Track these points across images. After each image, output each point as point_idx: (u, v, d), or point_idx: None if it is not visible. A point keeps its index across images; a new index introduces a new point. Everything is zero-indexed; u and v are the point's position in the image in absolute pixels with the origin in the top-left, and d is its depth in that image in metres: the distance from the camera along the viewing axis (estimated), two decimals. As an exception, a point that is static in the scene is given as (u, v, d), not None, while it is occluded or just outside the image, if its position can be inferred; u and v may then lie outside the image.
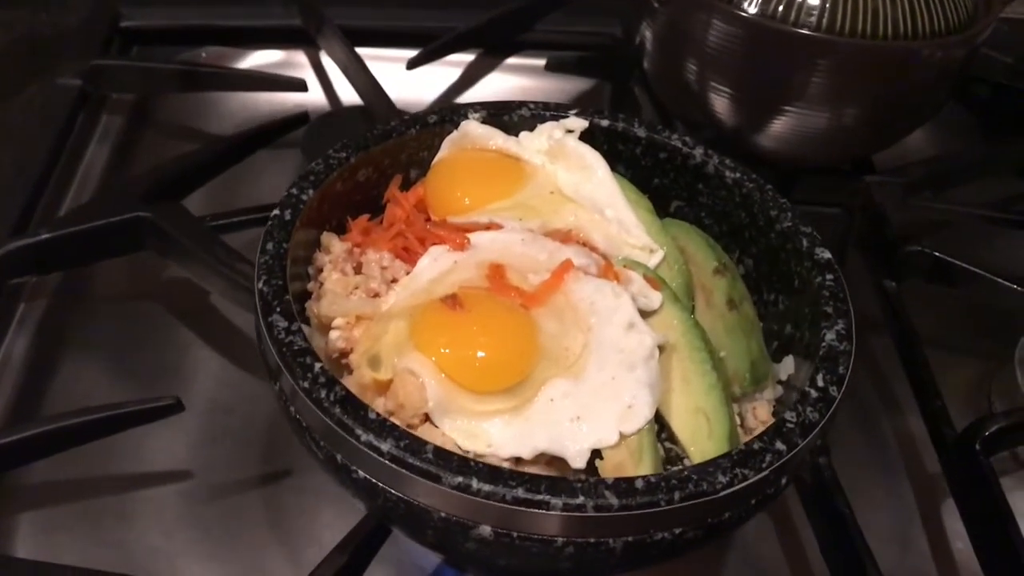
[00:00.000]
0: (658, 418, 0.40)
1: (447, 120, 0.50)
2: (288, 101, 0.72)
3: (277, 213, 0.43)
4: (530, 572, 0.40)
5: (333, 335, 0.42)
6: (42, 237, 0.55)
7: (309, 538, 0.48)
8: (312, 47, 0.78)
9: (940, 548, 0.51)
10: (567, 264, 0.43)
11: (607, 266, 0.44)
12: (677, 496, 0.34)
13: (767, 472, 0.35)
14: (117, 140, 0.71)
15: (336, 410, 0.36)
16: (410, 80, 0.74)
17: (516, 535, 0.34)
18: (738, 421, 0.42)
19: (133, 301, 0.60)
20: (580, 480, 0.34)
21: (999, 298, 0.57)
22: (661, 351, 0.41)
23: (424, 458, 0.34)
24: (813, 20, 0.56)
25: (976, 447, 0.48)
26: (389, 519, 0.40)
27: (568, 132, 0.50)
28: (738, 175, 0.48)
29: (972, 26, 0.59)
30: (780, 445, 0.36)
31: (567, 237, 0.46)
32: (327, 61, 0.77)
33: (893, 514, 0.52)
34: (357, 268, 0.45)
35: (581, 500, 0.33)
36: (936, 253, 0.58)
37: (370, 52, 0.73)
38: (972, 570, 0.48)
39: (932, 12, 0.57)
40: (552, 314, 0.41)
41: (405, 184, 0.49)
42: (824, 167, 0.68)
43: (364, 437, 0.35)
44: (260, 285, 0.40)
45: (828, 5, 0.56)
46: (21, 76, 0.70)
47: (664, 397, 0.41)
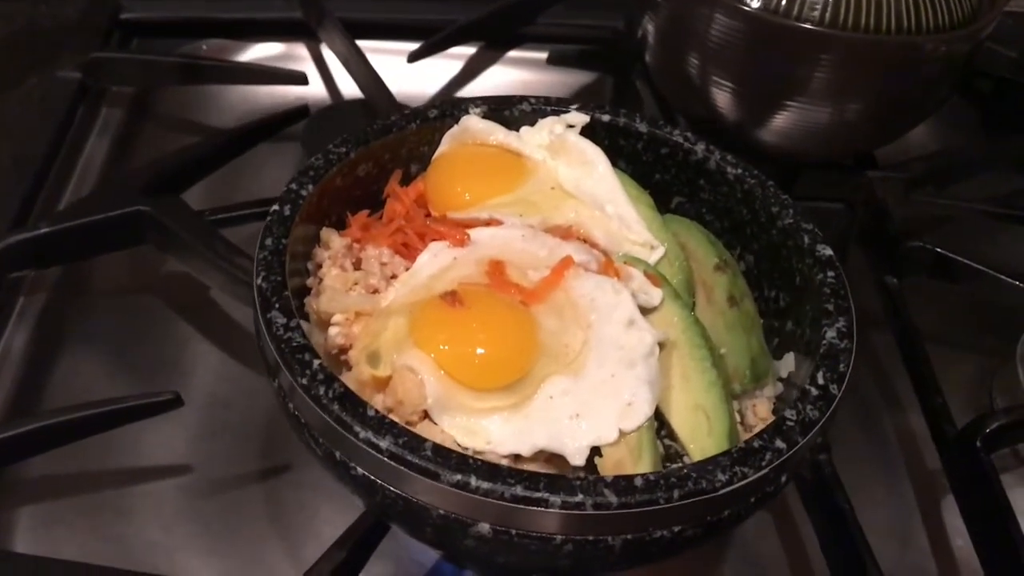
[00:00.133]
0: (658, 415, 0.40)
1: (447, 115, 0.50)
2: (289, 94, 0.72)
3: (276, 209, 0.43)
4: (529, 569, 0.40)
5: (332, 331, 0.42)
6: (41, 231, 0.55)
7: (308, 533, 0.48)
8: (313, 40, 0.78)
9: (940, 545, 0.51)
10: (567, 260, 0.43)
11: (607, 262, 0.44)
12: (676, 494, 0.34)
13: (767, 470, 0.35)
14: (117, 133, 0.71)
15: (335, 407, 0.36)
16: (411, 73, 0.74)
17: (515, 533, 0.34)
18: (738, 418, 0.42)
19: (132, 295, 0.59)
20: (579, 478, 0.34)
21: (1001, 294, 0.57)
22: (661, 348, 0.41)
23: (423, 455, 0.34)
24: (816, 14, 0.56)
25: (977, 444, 0.48)
26: (388, 516, 0.40)
27: (569, 127, 0.50)
28: (740, 171, 0.48)
29: (976, 20, 0.58)
30: (780, 443, 0.36)
31: (567, 233, 0.46)
32: (328, 54, 0.77)
33: (893, 511, 0.52)
34: (356, 264, 0.45)
35: (580, 498, 0.33)
36: (938, 249, 0.58)
37: (371, 45, 0.73)
38: (972, 567, 0.48)
39: (936, 6, 0.57)
40: (552, 311, 0.41)
41: (405, 179, 0.49)
42: (826, 162, 0.68)
43: (363, 434, 0.35)
44: (259, 281, 0.40)
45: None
46: (20, 68, 0.70)
47: (664, 394, 0.41)
